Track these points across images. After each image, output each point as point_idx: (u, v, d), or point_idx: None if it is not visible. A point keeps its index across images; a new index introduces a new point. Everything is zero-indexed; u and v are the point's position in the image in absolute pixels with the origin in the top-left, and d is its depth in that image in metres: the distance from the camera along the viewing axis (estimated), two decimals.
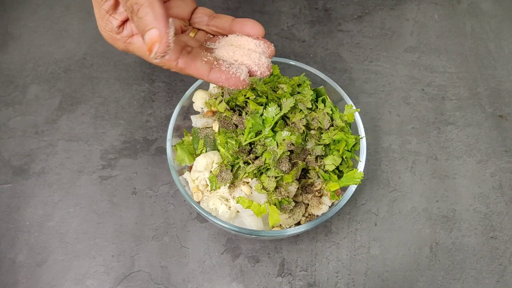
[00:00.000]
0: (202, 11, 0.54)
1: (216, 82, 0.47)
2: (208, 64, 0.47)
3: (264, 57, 0.49)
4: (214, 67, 0.47)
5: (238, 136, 0.57)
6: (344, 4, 0.92)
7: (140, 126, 0.75)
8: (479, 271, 0.65)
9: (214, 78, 0.47)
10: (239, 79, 0.47)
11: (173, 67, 0.47)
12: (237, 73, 0.47)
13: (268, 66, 0.49)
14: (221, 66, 0.47)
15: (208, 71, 0.47)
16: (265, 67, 0.48)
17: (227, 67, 0.47)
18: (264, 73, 0.48)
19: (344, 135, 0.58)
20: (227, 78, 0.47)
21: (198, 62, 0.47)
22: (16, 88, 0.78)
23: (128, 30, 0.47)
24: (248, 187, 0.55)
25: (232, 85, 0.47)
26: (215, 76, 0.47)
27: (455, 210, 0.70)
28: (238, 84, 0.47)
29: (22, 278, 0.62)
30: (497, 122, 0.79)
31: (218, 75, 0.47)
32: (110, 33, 0.47)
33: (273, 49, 0.50)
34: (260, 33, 0.50)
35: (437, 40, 0.88)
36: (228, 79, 0.47)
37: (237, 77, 0.47)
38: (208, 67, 0.47)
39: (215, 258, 0.64)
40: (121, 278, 0.63)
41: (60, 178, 0.70)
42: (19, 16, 0.87)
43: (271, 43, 0.50)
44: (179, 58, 0.47)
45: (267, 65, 0.49)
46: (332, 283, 0.63)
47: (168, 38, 0.41)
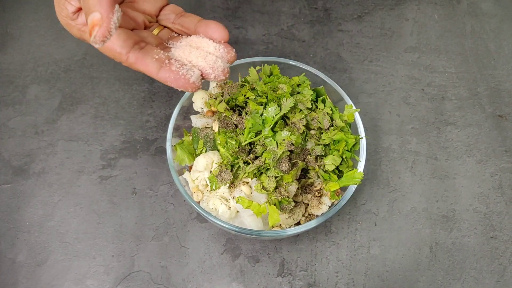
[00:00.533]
0: (171, 8, 0.54)
1: (164, 81, 0.46)
2: (159, 62, 0.46)
3: (220, 60, 0.48)
4: (165, 65, 0.46)
5: (238, 136, 0.57)
6: (344, 4, 0.92)
7: (140, 126, 0.75)
8: (479, 271, 0.65)
9: (162, 77, 0.46)
10: (188, 81, 0.46)
11: (124, 61, 0.46)
12: (187, 75, 0.46)
13: (224, 70, 0.48)
14: (172, 65, 0.46)
15: (157, 69, 0.46)
16: (220, 71, 0.48)
17: (178, 67, 0.46)
18: (218, 77, 0.48)
19: (344, 135, 0.58)
20: (176, 78, 0.46)
21: (149, 58, 0.46)
22: (16, 88, 0.78)
23: (83, 18, 0.46)
24: (248, 187, 0.55)
25: (180, 86, 0.46)
26: (164, 75, 0.46)
27: (455, 210, 0.70)
28: (186, 86, 0.46)
29: (22, 278, 0.62)
30: (497, 122, 0.79)
31: (167, 74, 0.46)
32: (66, 19, 0.47)
33: (233, 55, 0.49)
34: (223, 37, 0.49)
35: (437, 40, 0.88)
36: (177, 80, 0.46)
37: (187, 79, 0.46)
38: (158, 65, 0.46)
39: (215, 258, 0.64)
40: (121, 278, 0.63)
41: (60, 178, 0.70)
42: (19, 16, 0.87)
43: (232, 48, 0.49)
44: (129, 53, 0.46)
45: (223, 69, 0.48)
46: (332, 283, 0.63)
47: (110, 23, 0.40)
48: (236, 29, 0.87)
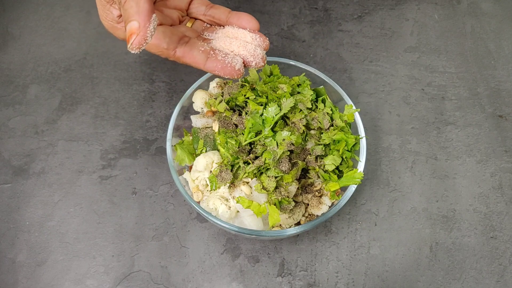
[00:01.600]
0: (200, 1, 0.56)
1: (212, 70, 0.49)
2: (205, 54, 0.49)
3: (259, 49, 0.51)
4: (211, 56, 0.49)
5: (238, 136, 0.57)
6: (344, 4, 0.92)
7: (140, 126, 0.75)
8: (479, 271, 0.65)
9: (210, 67, 0.49)
10: (234, 68, 0.49)
11: (171, 56, 0.49)
12: (232, 63, 0.49)
13: (263, 58, 0.51)
14: (217, 55, 0.49)
15: (204, 60, 0.49)
16: (260, 58, 0.50)
17: (223, 57, 0.49)
18: (258, 64, 0.51)
19: (344, 135, 0.58)
20: (223, 67, 0.49)
21: (195, 51, 0.49)
22: (16, 88, 0.78)
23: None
24: (248, 187, 0.55)
25: (227, 74, 0.49)
26: (211, 65, 0.49)
27: (455, 210, 0.70)
28: (233, 73, 0.49)
29: (22, 278, 0.62)
30: (497, 122, 0.79)
31: (214, 64, 0.49)
32: (111, 22, 0.49)
33: (268, 43, 0.52)
34: (255, 27, 0.52)
35: (437, 40, 0.88)
36: (224, 68, 0.49)
37: (232, 66, 0.49)
38: (204, 56, 0.49)
39: (215, 258, 0.64)
40: (121, 278, 0.63)
41: (60, 178, 0.70)
42: (19, 16, 0.87)
43: (266, 37, 0.52)
44: (177, 48, 0.49)
45: (262, 56, 0.51)
46: (332, 283, 0.63)
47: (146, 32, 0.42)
48: None
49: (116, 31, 0.50)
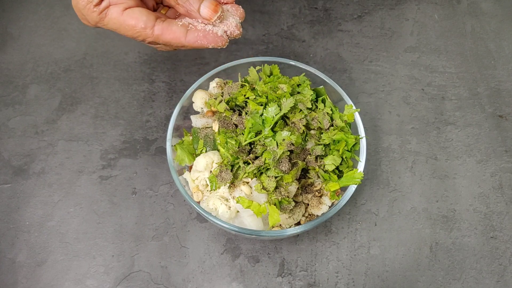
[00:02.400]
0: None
1: (194, 41, 0.48)
2: (184, 27, 0.48)
3: (232, 17, 0.50)
4: (190, 28, 0.48)
5: (238, 136, 0.57)
6: (344, 4, 0.92)
7: (140, 126, 0.75)
8: (479, 271, 0.65)
9: (192, 38, 0.48)
10: (217, 34, 0.48)
11: (149, 35, 0.48)
12: (213, 30, 0.48)
13: (237, 25, 0.50)
14: (197, 26, 0.48)
15: (184, 33, 0.48)
16: (234, 26, 0.50)
17: (203, 26, 0.48)
18: (233, 32, 0.50)
19: (344, 135, 0.58)
20: (205, 35, 0.48)
21: (174, 26, 0.48)
22: (16, 88, 0.78)
23: (106, 2, 0.48)
24: (248, 187, 0.55)
25: (211, 41, 0.48)
26: (192, 36, 0.48)
27: (455, 210, 0.70)
28: (216, 39, 0.48)
29: (22, 278, 0.62)
30: (497, 122, 0.79)
31: (195, 34, 0.48)
32: (88, 5, 0.47)
33: (242, 11, 0.52)
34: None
35: (437, 40, 0.88)
36: (206, 36, 0.48)
37: (214, 33, 0.48)
38: (184, 29, 0.48)
39: (215, 258, 0.64)
40: (121, 278, 0.63)
41: (60, 178, 0.70)
42: (19, 16, 0.86)
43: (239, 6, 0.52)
44: (154, 26, 0.48)
45: (236, 24, 0.50)
46: (332, 283, 0.63)
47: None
48: None
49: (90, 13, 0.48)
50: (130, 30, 0.48)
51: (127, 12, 0.48)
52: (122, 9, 0.48)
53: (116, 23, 0.48)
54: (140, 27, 0.48)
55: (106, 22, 0.49)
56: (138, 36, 0.49)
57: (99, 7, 0.47)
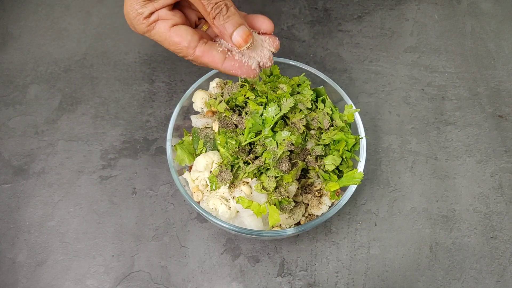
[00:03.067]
0: None
1: (230, 70, 0.51)
2: (223, 53, 0.51)
3: (266, 49, 0.53)
4: (228, 56, 0.51)
5: (238, 136, 0.57)
6: (344, 4, 0.92)
7: (140, 126, 0.75)
8: (479, 271, 0.65)
9: (228, 66, 0.51)
10: (251, 67, 0.51)
11: (190, 55, 0.51)
12: (249, 62, 0.51)
13: (270, 58, 0.53)
14: (234, 55, 0.51)
15: (222, 60, 0.51)
16: (267, 59, 0.52)
17: (240, 57, 0.51)
18: (266, 64, 0.52)
19: (344, 135, 0.58)
20: (240, 66, 0.51)
21: (214, 51, 0.51)
22: (16, 88, 0.78)
23: (155, 16, 0.50)
24: (248, 187, 0.55)
25: (244, 73, 0.51)
26: (229, 64, 0.51)
27: (455, 210, 0.70)
28: (249, 72, 0.51)
29: (22, 278, 0.62)
30: (497, 122, 0.79)
31: (231, 63, 0.51)
32: (138, 16, 0.50)
33: (277, 43, 0.53)
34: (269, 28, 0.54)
35: (437, 40, 0.88)
36: (241, 67, 0.51)
37: (249, 66, 0.51)
38: (222, 56, 0.51)
39: (215, 258, 0.64)
40: (121, 278, 0.63)
41: (60, 178, 0.70)
42: (19, 16, 0.87)
43: (276, 37, 0.54)
44: (197, 47, 0.50)
45: (269, 56, 0.53)
46: (332, 283, 0.63)
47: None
48: None
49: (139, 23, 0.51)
50: (174, 46, 0.51)
51: (174, 29, 0.50)
52: (170, 25, 0.50)
53: (161, 37, 0.51)
54: (183, 45, 0.50)
55: (153, 34, 0.51)
56: (180, 52, 0.51)
57: (148, 20, 0.50)
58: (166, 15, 0.51)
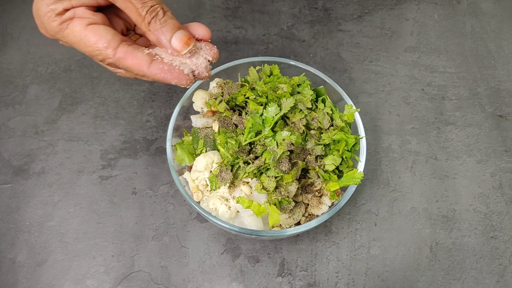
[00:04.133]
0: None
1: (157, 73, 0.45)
2: (149, 56, 0.45)
3: (202, 58, 0.47)
4: (156, 59, 0.45)
5: (238, 136, 0.57)
6: (344, 4, 0.92)
7: (140, 126, 0.75)
8: (479, 271, 0.65)
9: (155, 69, 0.44)
10: (183, 72, 0.45)
11: (110, 56, 0.44)
12: (180, 66, 0.45)
13: (207, 67, 0.47)
14: (164, 58, 0.45)
15: (149, 62, 0.45)
16: (203, 68, 0.47)
17: (170, 60, 0.45)
18: (201, 74, 0.47)
19: (344, 135, 0.58)
20: (170, 69, 0.45)
21: (139, 52, 0.45)
22: (16, 88, 0.78)
23: (71, 13, 0.45)
24: (248, 187, 0.55)
25: (175, 77, 0.45)
26: (157, 67, 0.44)
27: (455, 210, 0.70)
28: (181, 77, 0.45)
29: (22, 278, 0.62)
30: (497, 122, 0.79)
31: (160, 66, 0.44)
32: (49, 13, 0.44)
33: (215, 51, 0.49)
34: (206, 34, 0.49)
35: (437, 40, 0.88)
36: (171, 70, 0.45)
37: (181, 70, 0.45)
38: (149, 58, 0.45)
39: (215, 258, 0.64)
40: (121, 278, 0.63)
41: (60, 178, 0.70)
42: (19, 16, 0.87)
43: (214, 45, 0.49)
44: (118, 47, 0.44)
45: (205, 65, 0.47)
46: (332, 283, 0.63)
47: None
48: (236, 29, 0.87)
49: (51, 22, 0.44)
50: (90, 47, 0.44)
51: (91, 27, 0.44)
52: (87, 23, 0.44)
53: (76, 37, 0.45)
54: (102, 45, 0.44)
55: (66, 34, 0.45)
56: (98, 54, 0.45)
57: (62, 17, 0.44)
58: (83, 14, 0.45)
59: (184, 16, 0.88)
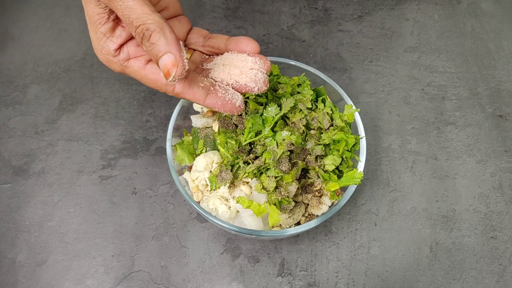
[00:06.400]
0: (198, 32, 0.54)
1: (212, 107, 0.47)
2: (205, 90, 0.47)
3: (260, 73, 0.49)
4: (211, 93, 0.47)
5: (238, 136, 0.57)
6: (344, 4, 0.92)
7: (140, 126, 0.75)
8: (479, 271, 0.65)
9: (210, 104, 0.47)
10: (235, 105, 0.47)
11: (170, 92, 0.47)
12: (232, 100, 0.47)
13: (265, 82, 0.49)
14: (217, 92, 0.47)
15: (204, 97, 0.47)
16: (262, 83, 0.48)
17: (223, 94, 0.47)
18: (261, 88, 0.49)
19: (344, 135, 0.58)
20: (223, 104, 0.47)
21: (195, 87, 0.47)
22: (16, 88, 0.78)
23: (125, 54, 0.47)
24: (248, 187, 0.55)
25: (227, 110, 0.48)
26: (212, 101, 0.47)
27: (455, 210, 0.70)
28: (233, 109, 0.48)
29: (22, 278, 0.62)
30: (497, 122, 0.79)
31: (214, 101, 0.47)
32: (107, 56, 0.47)
33: (269, 64, 0.50)
34: (255, 49, 0.50)
35: (437, 40, 0.88)
36: (224, 105, 0.47)
37: (233, 103, 0.47)
38: (204, 93, 0.47)
39: (215, 258, 0.64)
40: (121, 278, 0.63)
41: (60, 178, 0.70)
42: (19, 16, 0.87)
43: (267, 58, 0.50)
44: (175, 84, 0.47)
45: (264, 80, 0.49)
46: (332, 283, 0.63)
47: (184, 61, 0.42)
48: (236, 29, 0.87)
49: (112, 64, 0.48)
50: (152, 84, 0.48)
51: (149, 67, 0.47)
52: (144, 62, 0.47)
53: (138, 75, 0.48)
54: (161, 83, 0.47)
55: (129, 72, 0.49)
56: (160, 89, 0.48)
57: (119, 59, 0.47)
58: (136, 52, 0.48)
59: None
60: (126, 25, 0.43)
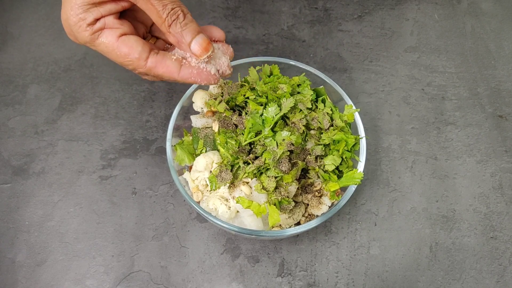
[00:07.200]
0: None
1: (187, 78, 0.47)
2: (178, 62, 0.47)
3: (224, 57, 0.50)
4: (184, 64, 0.47)
5: (238, 136, 0.57)
6: (344, 4, 0.92)
7: (140, 126, 0.75)
8: (479, 271, 0.65)
9: (185, 74, 0.47)
10: (210, 73, 0.48)
11: (142, 66, 0.47)
12: (207, 68, 0.48)
13: (228, 65, 0.50)
14: (191, 62, 0.48)
15: (178, 68, 0.47)
16: (226, 66, 0.50)
17: (197, 63, 0.48)
18: (225, 72, 0.50)
19: (344, 135, 0.58)
20: (199, 72, 0.47)
21: (168, 60, 0.47)
22: (16, 88, 0.78)
23: (101, 23, 0.46)
24: (248, 187, 0.55)
25: (204, 79, 0.48)
26: (186, 72, 0.47)
27: (455, 210, 0.70)
28: (209, 78, 0.48)
29: (22, 278, 0.62)
30: (497, 122, 0.79)
31: (189, 71, 0.47)
32: (80, 22, 0.45)
33: (231, 50, 0.51)
34: (222, 36, 0.52)
35: (437, 40, 0.88)
36: (200, 73, 0.47)
37: (208, 71, 0.48)
38: (178, 64, 0.47)
39: (215, 258, 0.64)
40: (121, 278, 0.63)
41: (60, 178, 0.70)
42: (19, 15, 0.86)
43: (229, 45, 0.52)
44: (148, 58, 0.46)
45: (227, 64, 0.50)
46: (332, 283, 0.63)
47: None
48: (236, 29, 0.87)
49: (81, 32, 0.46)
50: (122, 58, 0.47)
51: (122, 39, 0.46)
52: (118, 34, 0.46)
53: (108, 47, 0.46)
54: (134, 57, 0.46)
55: (97, 44, 0.47)
56: (129, 64, 0.47)
57: (93, 28, 0.46)
58: (113, 24, 0.46)
59: None
60: (148, 10, 0.44)
